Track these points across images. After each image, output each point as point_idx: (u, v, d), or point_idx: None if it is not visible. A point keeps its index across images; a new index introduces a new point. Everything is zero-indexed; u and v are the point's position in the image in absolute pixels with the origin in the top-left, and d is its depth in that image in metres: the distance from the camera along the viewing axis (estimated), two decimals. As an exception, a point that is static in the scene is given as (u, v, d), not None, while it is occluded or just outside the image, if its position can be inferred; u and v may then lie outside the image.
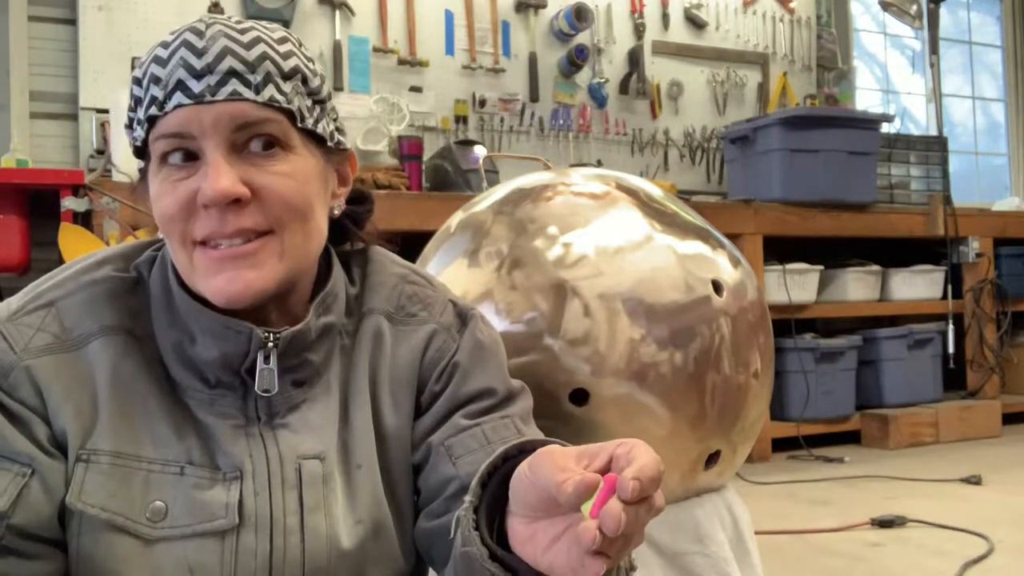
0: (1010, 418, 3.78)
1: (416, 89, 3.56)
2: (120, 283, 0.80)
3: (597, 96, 3.88)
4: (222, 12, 3.23)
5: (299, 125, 0.76)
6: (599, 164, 3.76)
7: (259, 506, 0.76)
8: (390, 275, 0.90)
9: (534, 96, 3.76)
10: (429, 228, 1.56)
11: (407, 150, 3.29)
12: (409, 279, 0.91)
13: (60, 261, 2.27)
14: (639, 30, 3.98)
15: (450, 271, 1.33)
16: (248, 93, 0.73)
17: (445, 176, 3.17)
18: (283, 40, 0.77)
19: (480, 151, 3.19)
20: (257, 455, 0.77)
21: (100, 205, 2.42)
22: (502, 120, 3.72)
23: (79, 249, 2.12)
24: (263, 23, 0.78)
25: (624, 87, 3.93)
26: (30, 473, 0.72)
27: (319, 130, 0.79)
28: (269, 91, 0.74)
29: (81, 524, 0.73)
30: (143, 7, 3.16)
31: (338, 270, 0.86)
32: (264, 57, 0.74)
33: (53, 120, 3.08)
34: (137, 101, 0.75)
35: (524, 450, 0.68)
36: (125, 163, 2.56)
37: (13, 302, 0.78)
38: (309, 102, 0.78)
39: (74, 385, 0.75)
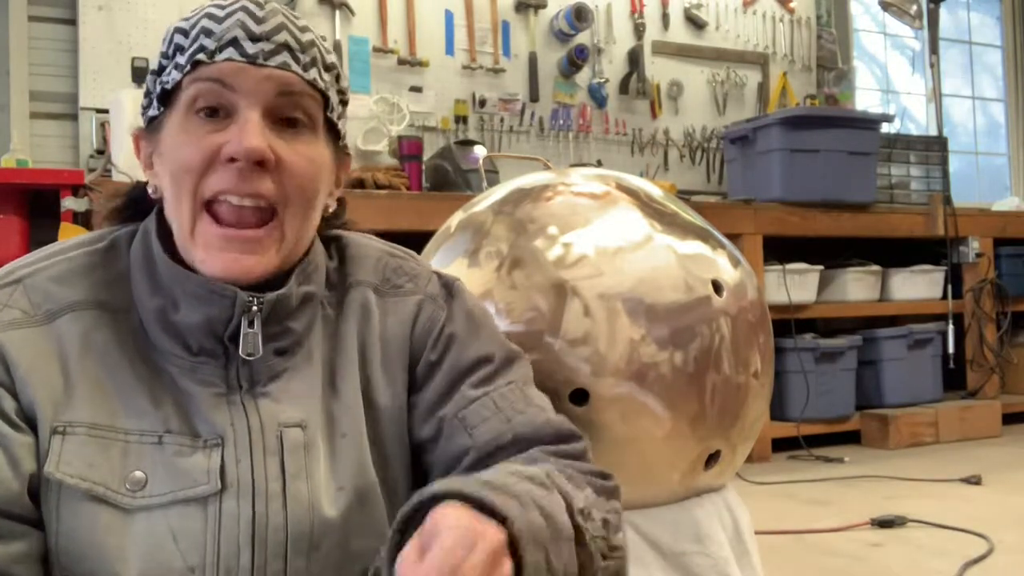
0: (1010, 418, 3.78)
1: (416, 89, 3.56)
2: (92, 257, 0.81)
3: (597, 96, 3.88)
4: (222, 12, 3.23)
5: (328, 113, 0.80)
6: (599, 164, 3.76)
7: (241, 472, 0.76)
8: (373, 249, 0.92)
9: (534, 96, 3.76)
10: (429, 228, 1.56)
11: (407, 150, 3.29)
12: (392, 253, 0.93)
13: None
14: (639, 30, 3.98)
15: (450, 271, 1.33)
16: (296, 68, 0.77)
17: (445, 176, 3.17)
18: (323, 38, 0.82)
19: (480, 151, 3.19)
20: (239, 422, 0.78)
21: (100, 205, 2.42)
22: (502, 120, 3.72)
23: (79, 249, 2.12)
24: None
25: (624, 87, 3.93)
26: None
27: (340, 125, 0.83)
28: (313, 73, 0.78)
29: (60, 496, 0.73)
30: (143, 7, 3.16)
31: (318, 244, 0.87)
32: (313, 44, 0.79)
33: (53, 120, 3.08)
34: (178, 48, 0.77)
35: (436, 497, 0.66)
36: (125, 163, 2.56)
37: None
38: (337, 98, 0.82)
39: (42, 358, 0.75)
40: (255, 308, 0.77)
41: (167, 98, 0.78)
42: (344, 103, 0.84)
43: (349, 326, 0.86)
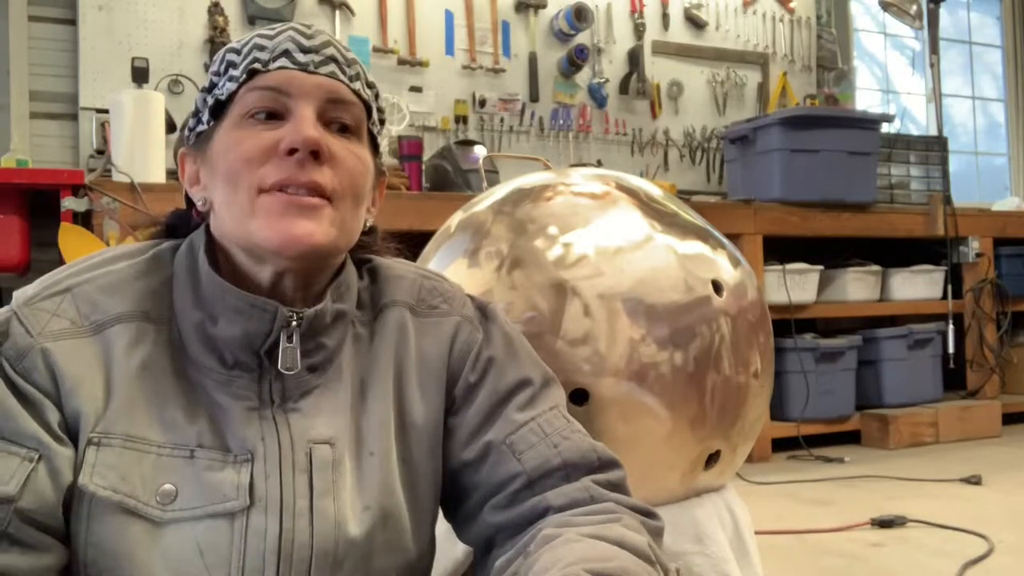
0: (1010, 418, 3.78)
1: (416, 89, 3.56)
2: (136, 267, 0.82)
3: (597, 96, 3.88)
4: (222, 12, 3.23)
5: (370, 124, 0.84)
6: (599, 164, 3.76)
7: (270, 488, 0.77)
8: (406, 271, 0.93)
9: (534, 96, 3.76)
10: (429, 228, 1.56)
11: (407, 150, 3.29)
12: (425, 275, 0.94)
13: (60, 261, 2.27)
14: (639, 30, 3.98)
15: (450, 271, 1.33)
16: (343, 78, 0.81)
17: (445, 176, 3.17)
18: (365, 69, 0.87)
19: (480, 151, 3.19)
20: (269, 438, 0.78)
21: (100, 205, 2.42)
22: (502, 120, 3.72)
23: (79, 249, 2.12)
24: None
25: (624, 87, 3.93)
26: (37, 458, 0.72)
27: (379, 140, 0.88)
28: (358, 84, 0.83)
29: (91, 507, 0.74)
30: (143, 7, 3.16)
31: (350, 264, 0.89)
32: (356, 62, 0.84)
33: (53, 120, 3.08)
34: (230, 64, 0.81)
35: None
36: (125, 163, 2.56)
37: (29, 289, 0.79)
38: (376, 112, 0.87)
39: (88, 370, 0.76)
40: (294, 323, 0.79)
41: (219, 110, 0.81)
42: (383, 122, 0.89)
43: (384, 345, 0.87)
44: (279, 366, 0.79)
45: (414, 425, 0.86)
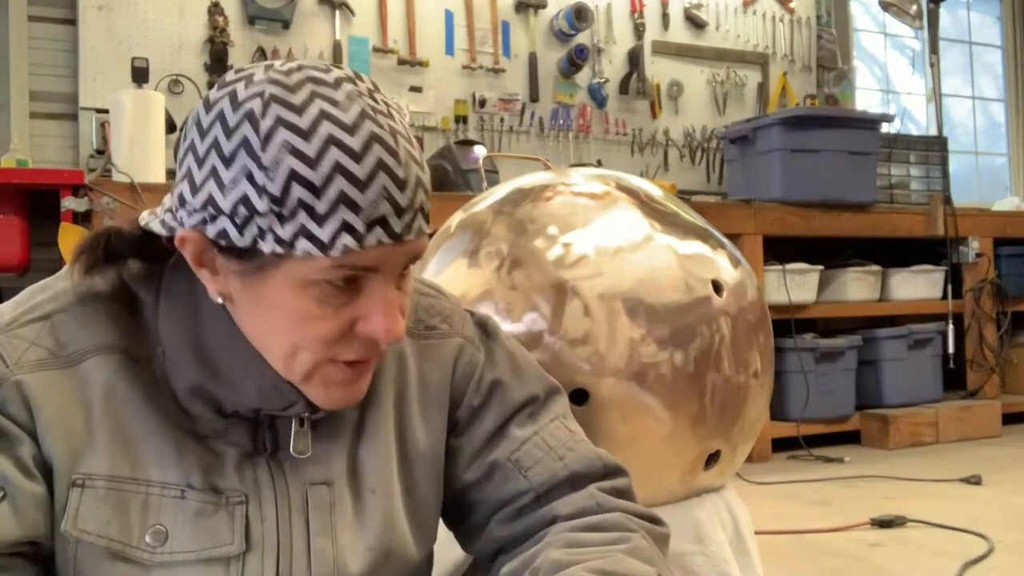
0: (1010, 418, 3.78)
1: (416, 89, 3.56)
2: (115, 303, 0.76)
3: (597, 96, 3.88)
4: (222, 12, 3.23)
5: None
6: (599, 164, 3.76)
7: (266, 531, 0.75)
8: None
9: (534, 96, 3.76)
10: (429, 228, 1.56)
11: (407, 150, 3.28)
12: (421, 291, 0.90)
13: (60, 261, 2.27)
14: (639, 30, 3.98)
15: (450, 271, 1.33)
16: (427, 229, 0.71)
17: (445, 176, 3.17)
18: (411, 139, 0.71)
19: (480, 151, 3.19)
20: (264, 481, 0.76)
21: (100, 205, 2.42)
22: (502, 120, 3.72)
23: (79, 249, 2.11)
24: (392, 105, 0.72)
25: (624, 87, 3.93)
26: (1, 496, 0.68)
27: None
28: (429, 222, 0.72)
29: (77, 552, 0.71)
30: (143, 7, 3.15)
31: None
32: (423, 182, 0.70)
33: (53, 120, 3.08)
34: (305, 207, 0.64)
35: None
36: (125, 163, 2.56)
37: (6, 313, 0.75)
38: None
39: (66, 404, 0.72)
40: (307, 414, 0.77)
41: (281, 254, 0.67)
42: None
43: (383, 374, 0.84)
44: (291, 450, 0.77)
45: (418, 453, 0.84)
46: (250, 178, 0.64)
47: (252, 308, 0.71)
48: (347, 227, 0.64)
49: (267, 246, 0.66)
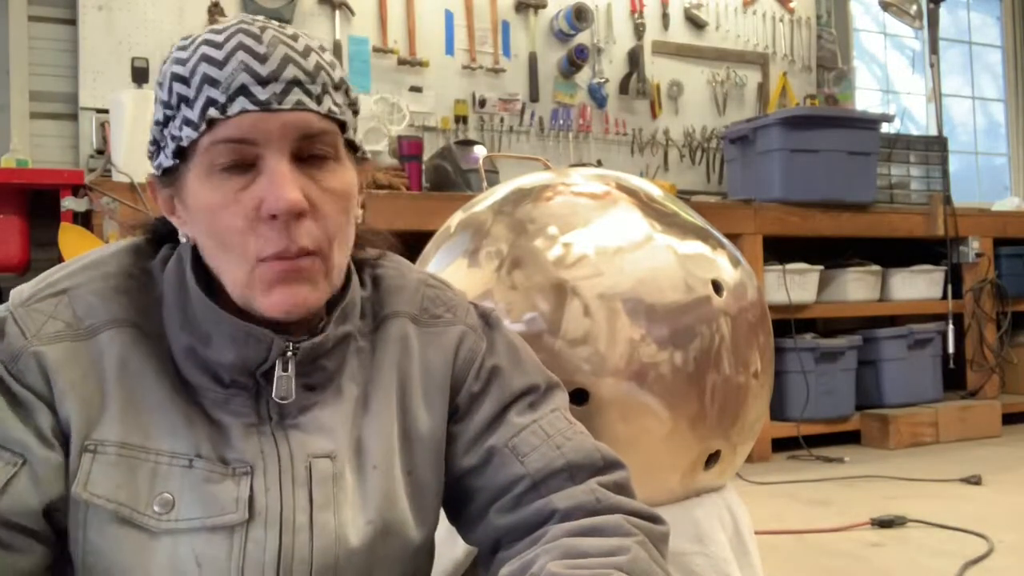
0: (1010, 418, 3.78)
1: (416, 89, 3.56)
2: (131, 280, 0.80)
3: (597, 96, 3.88)
4: (221, 12, 3.23)
5: (346, 136, 0.78)
6: (599, 164, 3.76)
7: (270, 502, 0.76)
8: (409, 279, 0.91)
9: (534, 96, 3.76)
10: (429, 228, 1.56)
11: (407, 150, 3.29)
12: (428, 283, 0.92)
13: (60, 261, 2.27)
14: (639, 30, 3.98)
15: (450, 271, 1.33)
16: (311, 104, 0.74)
17: (445, 176, 3.17)
18: (323, 48, 0.78)
19: (480, 151, 3.19)
20: (268, 452, 0.78)
21: (100, 205, 2.42)
22: (502, 120, 3.72)
23: (79, 249, 2.12)
24: (300, 30, 0.78)
25: (624, 87, 3.93)
26: (21, 463, 0.71)
27: (357, 141, 0.81)
28: (327, 102, 0.75)
29: (88, 515, 0.73)
30: (143, 7, 3.16)
31: (355, 277, 0.86)
32: (319, 67, 0.75)
33: (53, 120, 3.08)
34: (182, 99, 0.73)
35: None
36: (125, 163, 2.56)
37: (26, 289, 0.78)
38: (350, 113, 0.79)
39: (82, 374, 0.75)
40: (290, 353, 0.78)
41: (182, 153, 0.75)
42: (355, 113, 0.82)
43: (387, 358, 0.86)
44: (273, 395, 0.78)
45: (419, 436, 0.85)
46: (156, 100, 0.76)
47: (195, 229, 0.76)
48: (211, 101, 0.71)
49: (170, 150, 0.74)
